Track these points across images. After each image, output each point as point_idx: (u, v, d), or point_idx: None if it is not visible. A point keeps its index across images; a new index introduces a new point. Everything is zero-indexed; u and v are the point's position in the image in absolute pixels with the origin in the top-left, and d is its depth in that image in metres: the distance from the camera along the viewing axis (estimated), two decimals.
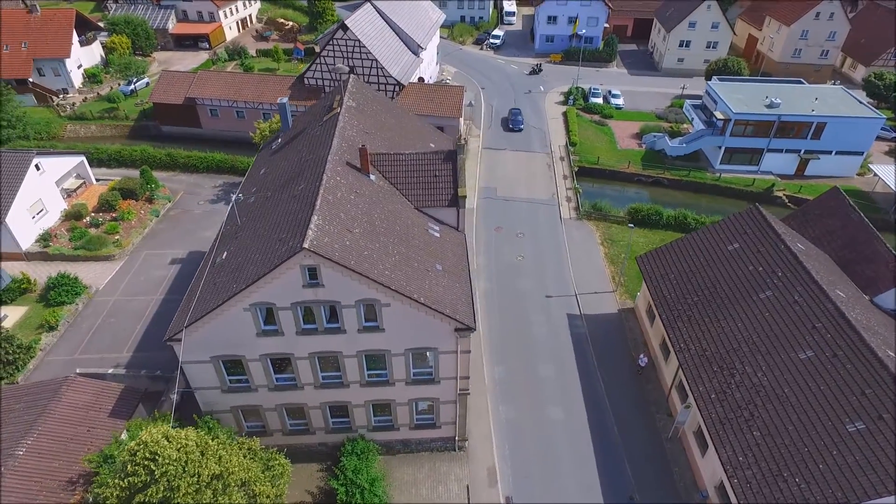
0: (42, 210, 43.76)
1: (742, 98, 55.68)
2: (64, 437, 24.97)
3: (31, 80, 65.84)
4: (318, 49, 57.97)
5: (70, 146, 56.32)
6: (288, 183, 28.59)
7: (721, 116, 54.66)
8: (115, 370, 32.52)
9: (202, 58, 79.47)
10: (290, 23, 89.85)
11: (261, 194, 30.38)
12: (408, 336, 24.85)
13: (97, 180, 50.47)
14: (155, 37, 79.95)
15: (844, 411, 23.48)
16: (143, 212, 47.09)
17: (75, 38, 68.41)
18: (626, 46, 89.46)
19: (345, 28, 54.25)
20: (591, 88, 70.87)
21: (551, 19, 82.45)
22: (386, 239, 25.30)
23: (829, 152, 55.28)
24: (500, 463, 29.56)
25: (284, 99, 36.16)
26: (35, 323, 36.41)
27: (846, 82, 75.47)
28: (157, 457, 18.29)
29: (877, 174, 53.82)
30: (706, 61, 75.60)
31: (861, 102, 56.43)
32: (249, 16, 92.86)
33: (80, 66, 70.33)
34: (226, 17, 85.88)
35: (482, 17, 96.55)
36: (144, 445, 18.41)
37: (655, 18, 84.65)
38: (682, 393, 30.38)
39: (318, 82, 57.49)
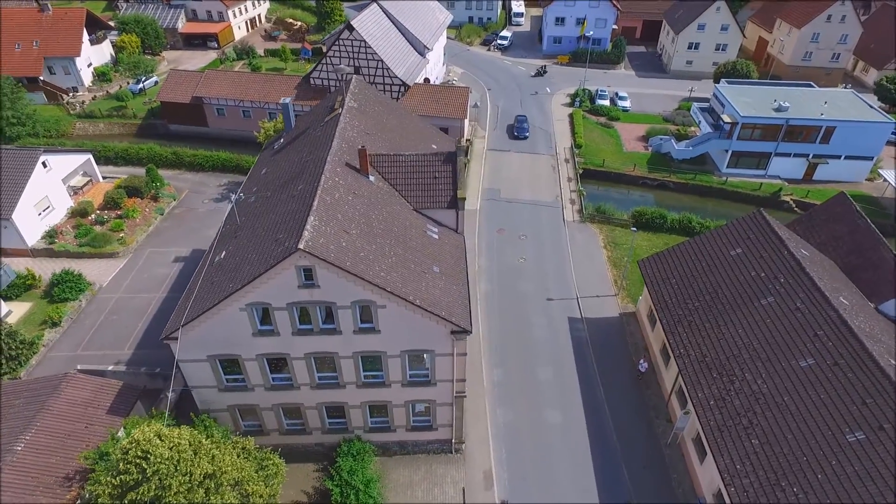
0: (48, 207, 44.19)
1: (750, 101, 55.14)
2: (62, 434, 25.16)
3: (41, 78, 66.57)
4: (325, 49, 58.12)
5: (78, 144, 56.81)
6: (288, 183, 28.64)
7: (728, 120, 54.15)
8: (115, 367, 32.72)
9: (211, 57, 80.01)
10: (299, 23, 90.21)
11: (261, 194, 30.45)
12: (403, 338, 24.80)
13: (104, 178, 50.91)
14: (164, 36, 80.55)
15: (844, 421, 23.13)
16: (147, 210, 47.44)
17: (86, 36, 69.03)
18: (635, 48, 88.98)
19: (350, 28, 54.35)
20: (598, 90, 70.54)
21: (559, 20, 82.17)
22: (383, 240, 25.27)
23: (838, 157, 54.63)
24: (496, 466, 29.42)
25: (287, 99, 36.30)
26: (39, 319, 36.75)
27: (858, 86, 74.51)
28: (148, 455, 18.36)
29: (886, 179, 53.13)
30: (715, 64, 74.95)
31: (871, 107, 55.71)
32: (258, 15, 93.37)
33: (90, 65, 71.02)
34: (235, 16, 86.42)
35: (490, 18, 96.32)
36: (136, 444, 18.49)
37: (664, 20, 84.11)
38: (682, 399, 30.09)
39: (324, 82, 57.64)
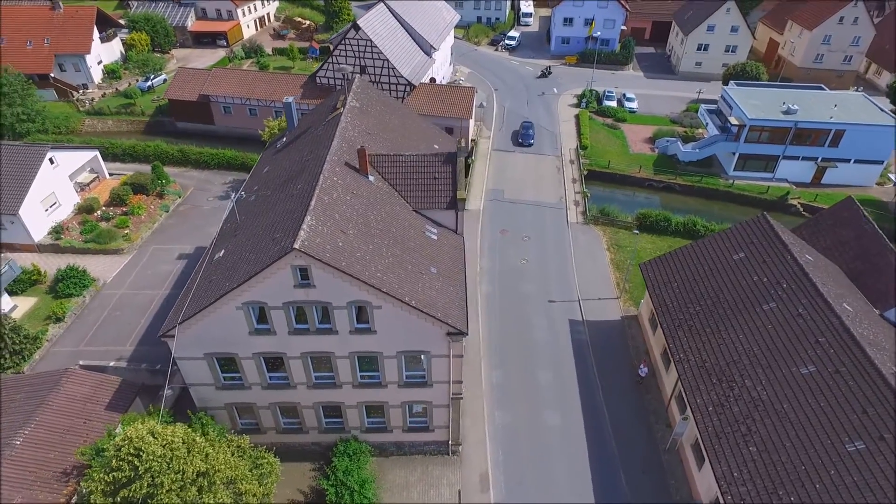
0: (55, 203, 44.58)
1: (758, 104, 54.53)
2: (61, 429, 25.38)
3: (52, 75, 67.23)
4: (332, 48, 58.24)
5: (86, 141, 57.33)
6: (288, 182, 28.71)
7: (735, 122, 53.60)
8: (116, 363, 32.96)
9: (219, 55, 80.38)
10: (307, 21, 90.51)
11: (262, 193, 30.55)
12: (399, 339, 24.76)
13: (110, 175, 51.30)
14: (174, 34, 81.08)
15: (844, 430, 22.80)
16: (153, 207, 47.77)
17: (96, 34, 69.58)
18: (644, 49, 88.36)
19: (357, 28, 54.41)
20: (605, 91, 70.12)
21: (567, 21, 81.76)
22: (380, 241, 25.24)
23: (848, 160, 53.91)
24: (493, 469, 29.30)
25: (290, 98, 36.40)
26: (43, 314, 37.10)
27: (870, 89, 73.51)
28: (141, 453, 18.45)
29: None
30: (724, 65, 74.15)
31: (882, 110, 54.88)
32: (267, 14, 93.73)
33: (100, 62, 71.61)
34: (244, 15, 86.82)
35: (499, 18, 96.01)
36: (129, 441, 18.59)
37: (674, 21, 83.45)
38: (682, 404, 29.82)
39: (330, 81, 57.75)
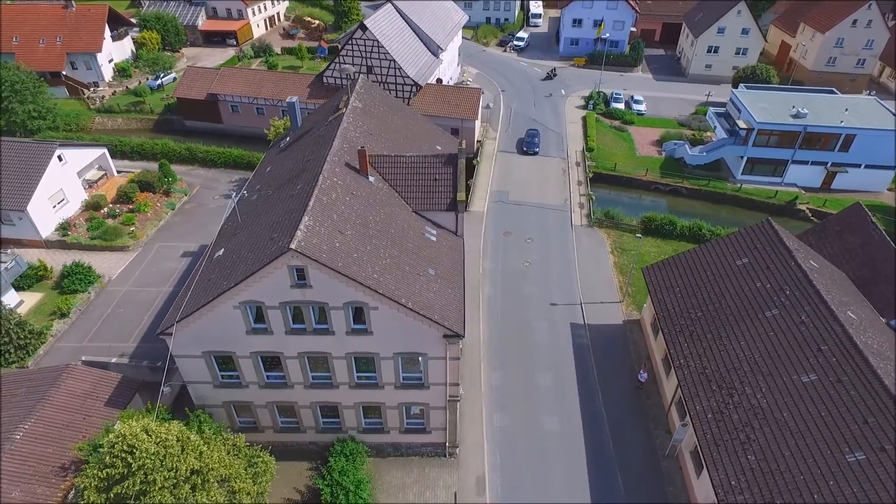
0: (63, 200, 45.11)
1: (766, 107, 53.92)
2: (60, 424, 25.64)
3: (64, 73, 68.04)
4: (339, 48, 58.48)
5: (96, 138, 57.96)
6: (288, 182, 28.79)
7: (743, 125, 53.06)
8: (118, 359, 33.25)
9: (229, 54, 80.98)
10: (317, 21, 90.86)
11: (263, 192, 30.68)
12: (396, 340, 24.73)
13: (118, 172, 51.85)
14: (184, 33, 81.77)
15: (845, 440, 22.44)
16: (159, 204, 48.17)
17: (107, 33, 70.37)
18: (654, 51, 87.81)
19: (364, 28, 54.51)
20: (612, 93, 69.70)
21: (576, 22, 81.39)
22: (378, 242, 25.23)
23: (858, 166, 53.18)
24: (490, 472, 29.18)
25: (294, 98, 36.48)
26: (48, 309, 37.53)
27: (884, 93, 72.52)
28: (134, 450, 18.56)
29: None
30: (735, 68, 73.43)
31: (894, 115, 54.04)
32: (277, 14, 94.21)
33: (111, 61, 72.38)
34: (254, 14, 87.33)
35: (508, 19, 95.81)
36: (123, 438, 18.71)
37: (684, 23, 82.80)
38: (682, 410, 29.52)
39: (337, 81, 57.88)
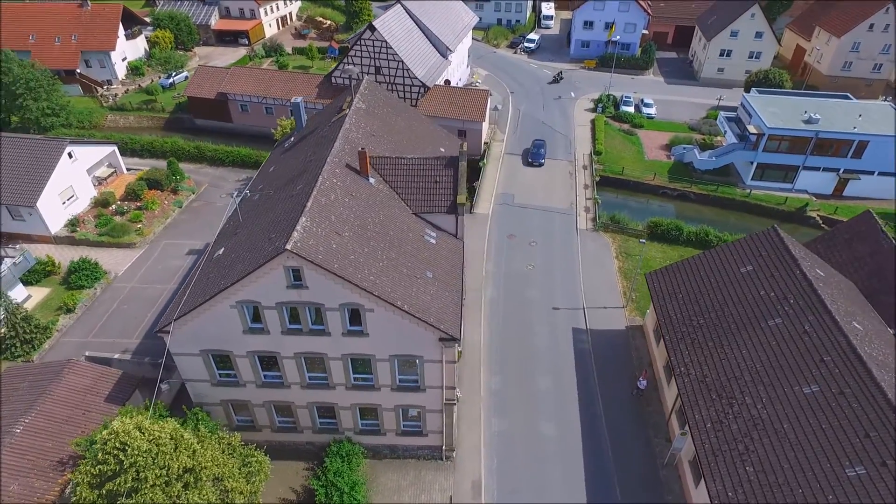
0: (72, 196, 45.67)
1: (777, 112, 53.15)
2: (60, 419, 25.95)
3: (78, 71, 69.01)
4: (348, 49, 58.68)
5: (107, 136, 58.63)
6: (290, 182, 28.89)
7: (754, 130, 52.35)
8: (121, 355, 33.59)
9: (241, 53, 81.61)
10: (328, 21, 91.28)
11: (266, 192, 30.82)
12: (392, 342, 24.69)
13: (128, 170, 52.39)
14: (197, 32, 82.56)
15: (845, 453, 22.00)
16: (166, 202, 48.60)
17: (121, 31, 71.30)
18: (666, 54, 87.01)
19: (372, 29, 54.61)
20: (622, 96, 69.14)
21: (588, 24, 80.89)
22: (376, 243, 25.21)
23: (871, 173, 52.22)
24: (486, 476, 29.03)
25: (299, 98, 36.68)
26: (55, 305, 38.02)
27: None
28: (126, 447, 18.69)
29: None
30: (748, 72, 72.50)
31: None
32: (289, 14, 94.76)
33: (124, 59, 73.29)
34: (266, 14, 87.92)
35: (519, 21, 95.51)
36: (115, 435, 18.85)
37: (696, 26, 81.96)
38: (682, 418, 29.16)
39: (346, 81, 57.97)
